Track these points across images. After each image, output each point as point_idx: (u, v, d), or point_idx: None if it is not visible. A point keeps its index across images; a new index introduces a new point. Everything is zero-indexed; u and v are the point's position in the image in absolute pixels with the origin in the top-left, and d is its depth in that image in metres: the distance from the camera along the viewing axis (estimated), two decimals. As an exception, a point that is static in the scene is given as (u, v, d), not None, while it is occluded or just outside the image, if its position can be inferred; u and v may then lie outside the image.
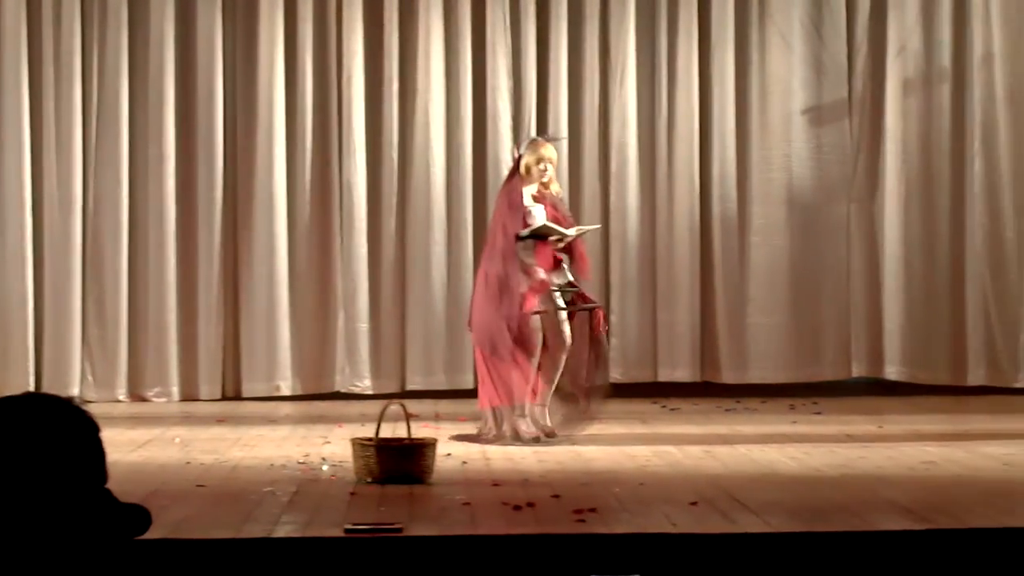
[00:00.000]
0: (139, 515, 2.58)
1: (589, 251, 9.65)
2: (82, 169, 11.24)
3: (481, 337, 8.83)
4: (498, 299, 8.75)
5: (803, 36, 11.58)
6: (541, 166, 8.92)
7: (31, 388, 11.02)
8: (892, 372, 11.55)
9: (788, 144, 11.60)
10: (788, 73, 11.59)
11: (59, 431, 2.51)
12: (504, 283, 8.79)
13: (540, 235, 8.89)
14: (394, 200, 11.40)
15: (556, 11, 11.50)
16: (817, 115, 11.60)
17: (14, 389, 10.91)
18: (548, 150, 9.02)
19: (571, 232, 8.97)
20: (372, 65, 11.42)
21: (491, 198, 11.41)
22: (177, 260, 11.26)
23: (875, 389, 11.52)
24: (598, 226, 8.96)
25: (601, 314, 9.00)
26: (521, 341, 8.72)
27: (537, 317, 8.79)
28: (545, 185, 8.99)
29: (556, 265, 8.97)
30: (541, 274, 8.85)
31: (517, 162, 9.10)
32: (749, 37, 11.59)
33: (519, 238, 8.86)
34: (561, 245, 8.96)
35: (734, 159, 11.58)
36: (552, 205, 9.05)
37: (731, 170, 11.58)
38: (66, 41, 11.19)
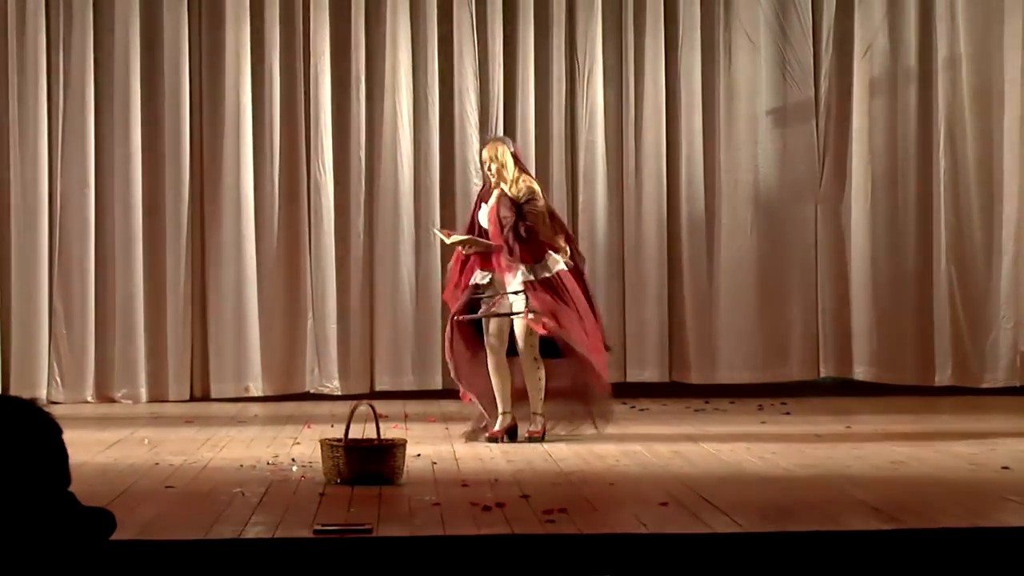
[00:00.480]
0: (103, 518, 2.57)
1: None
2: (48, 170, 11.19)
3: None
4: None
5: (769, 37, 11.61)
6: (490, 169, 8.92)
7: (-2, 389, 11.00)
8: (860, 372, 11.59)
9: (755, 144, 11.63)
10: (755, 74, 11.62)
11: (20, 434, 2.49)
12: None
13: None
14: (362, 200, 11.39)
15: (523, 11, 11.51)
16: (784, 116, 11.64)
17: (-19, 390, 10.88)
18: (485, 151, 9.00)
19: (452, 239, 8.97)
20: (339, 65, 11.40)
21: (459, 197, 11.43)
22: (144, 261, 11.23)
23: (843, 389, 11.56)
24: (467, 237, 8.84)
25: (534, 319, 8.69)
26: (453, 342, 8.89)
27: (465, 323, 8.83)
28: (496, 185, 8.94)
29: (489, 269, 8.89)
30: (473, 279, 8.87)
31: None
32: (716, 38, 11.61)
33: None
34: (471, 251, 8.90)
35: (701, 159, 11.60)
36: (496, 204, 8.95)
37: (698, 170, 11.60)
38: (31, 42, 11.14)
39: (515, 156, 8.93)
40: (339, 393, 11.21)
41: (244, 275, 11.27)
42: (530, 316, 8.64)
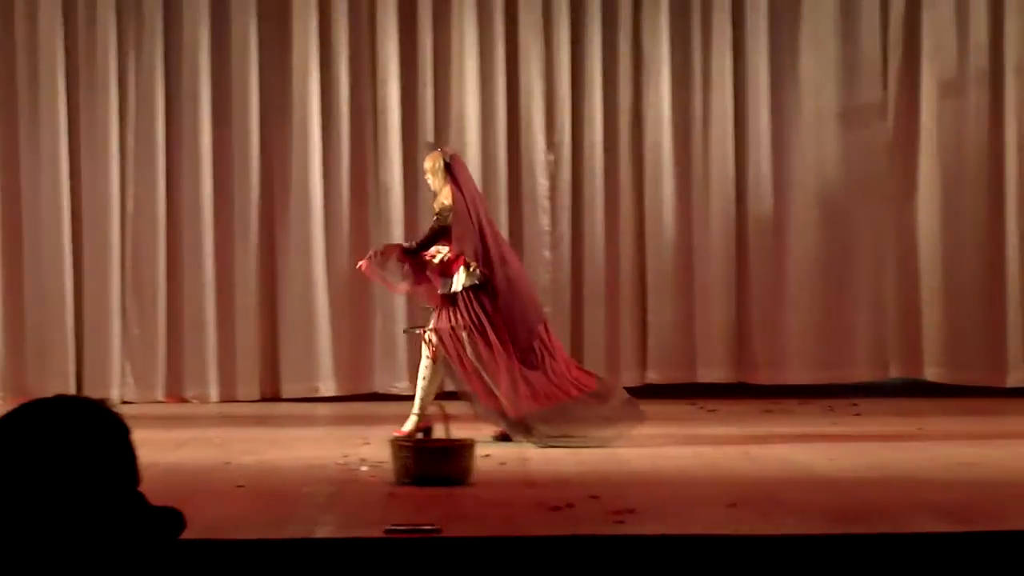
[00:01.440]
0: (172, 518, 2.58)
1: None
2: (119, 172, 11.29)
3: None
4: None
5: (837, 37, 11.55)
6: (427, 179, 9.07)
7: (71, 389, 11.09)
8: (931, 373, 11.51)
9: (823, 144, 11.57)
10: (822, 73, 11.55)
11: (89, 434, 2.50)
12: None
13: None
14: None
15: (589, 13, 11.50)
16: (852, 115, 11.57)
17: (55, 390, 10.92)
18: (425, 161, 9.11)
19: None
20: (406, 68, 11.43)
21: (526, 199, 11.44)
22: (215, 262, 11.31)
23: (914, 390, 11.48)
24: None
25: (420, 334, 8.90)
26: None
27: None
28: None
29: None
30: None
31: None
32: (783, 37, 11.56)
33: None
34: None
35: (769, 159, 11.55)
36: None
37: (766, 171, 11.55)
38: (101, 47, 11.24)
39: (446, 166, 8.92)
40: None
41: (313, 276, 11.32)
42: (424, 333, 8.79)
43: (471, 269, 8.78)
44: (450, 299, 8.77)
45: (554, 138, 11.49)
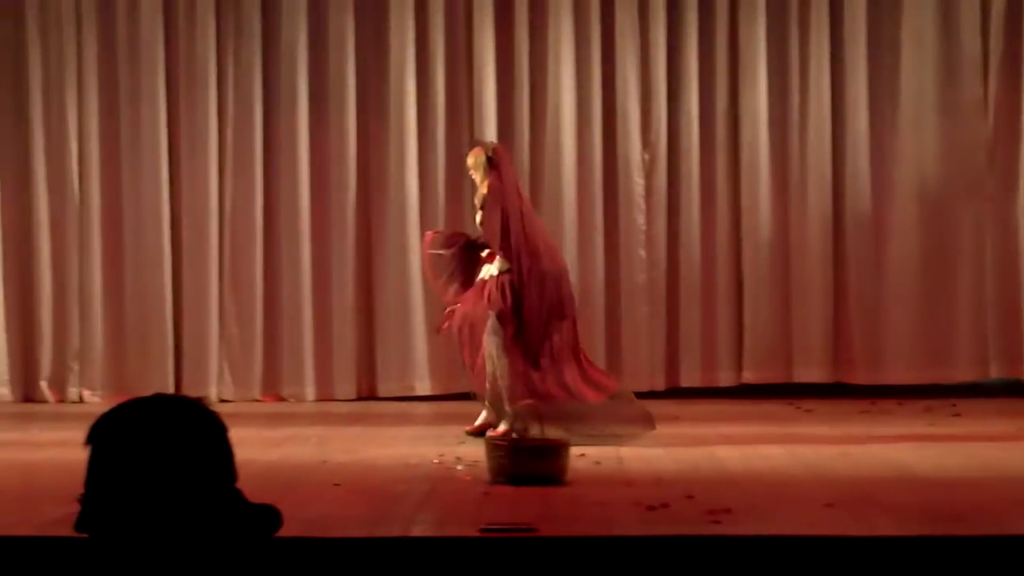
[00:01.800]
0: (269, 515, 2.60)
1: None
2: (218, 172, 11.39)
3: None
4: None
5: (936, 33, 11.43)
6: (473, 175, 9.09)
7: (170, 387, 11.21)
8: (1032, 373, 11.38)
9: (922, 142, 11.45)
10: (921, 70, 11.44)
11: (187, 432, 2.53)
12: None
13: None
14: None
15: (686, 12, 11.46)
16: (952, 113, 11.44)
17: (154, 388, 11.09)
18: (469, 156, 9.14)
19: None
20: (503, 66, 11.45)
21: (621, 197, 11.42)
22: (312, 261, 11.38)
23: (1014, 390, 11.35)
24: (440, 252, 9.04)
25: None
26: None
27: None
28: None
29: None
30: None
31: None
32: (882, 34, 11.46)
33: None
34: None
35: (867, 157, 11.46)
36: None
37: (864, 168, 11.46)
38: (201, 47, 11.35)
39: (489, 159, 8.96)
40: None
41: (409, 275, 11.36)
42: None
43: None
44: (482, 284, 8.88)
45: (650, 137, 11.46)
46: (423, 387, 11.40)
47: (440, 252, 9.09)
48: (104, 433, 2.52)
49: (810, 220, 11.46)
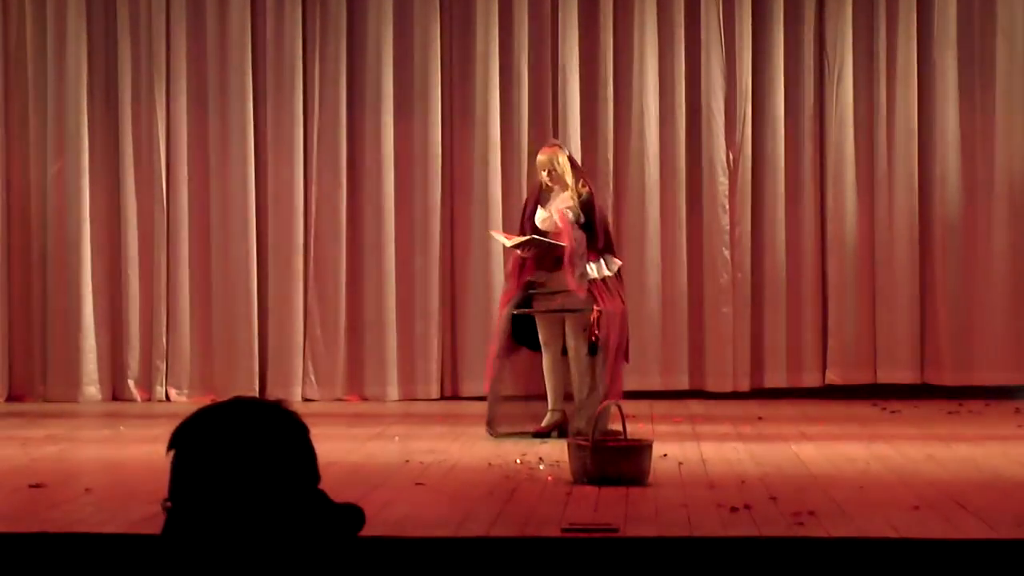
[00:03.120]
0: (353, 514, 2.61)
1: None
2: (303, 173, 11.46)
3: None
4: None
5: (1026, 32, 11.31)
6: (546, 174, 8.99)
7: (256, 387, 11.30)
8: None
9: (1011, 142, 11.33)
10: (1011, 71, 11.31)
11: (268, 435, 2.53)
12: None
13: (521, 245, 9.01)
14: (609, 202, 11.41)
15: (772, 10, 11.40)
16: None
17: (241, 387, 11.22)
18: (542, 156, 9.06)
19: (511, 241, 9.10)
20: (587, 67, 11.45)
21: (705, 198, 11.38)
22: (396, 261, 11.42)
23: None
24: (528, 237, 8.93)
25: (595, 318, 8.77)
26: (495, 335, 9.12)
27: (506, 316, 8.95)
28: (550, 189, 9.02)
29: (552, 269, 8.93)
30: (524, 277, 8.98)
31: None
32: (971, 34, 11.35)
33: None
34: (529, 253, 8.93)
35: (957, 158, 11.35)
36: (557, 210, 8.98)
37: (953, 169, 11.36)
38: (288, 46, 11.41)
39: (571, 160, 9.08)
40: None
41: (492, 276, 11.36)
42: (596, 312, 8.76)
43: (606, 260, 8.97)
44: (605, 281, 8.91)
45: (734, 137, 11.41)
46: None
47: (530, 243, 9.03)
48: (186, 439, 2.54)
49: (896, 220, 11.37)
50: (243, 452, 2.51)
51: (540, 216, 9.04)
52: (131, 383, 11.47)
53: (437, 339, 11.42)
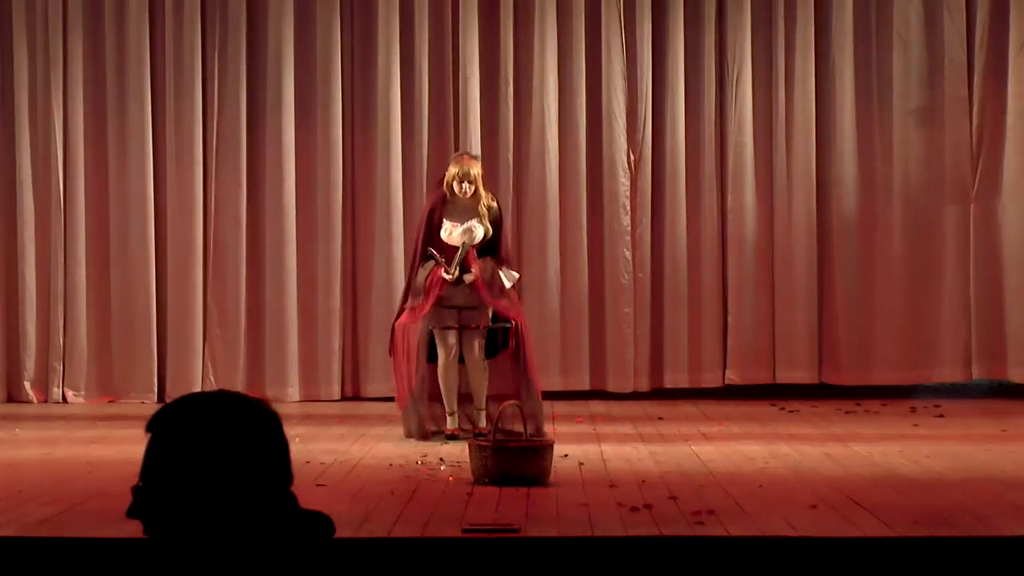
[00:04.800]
0: (322, 523, 2.61)
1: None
2: (203, 173, 11.38)
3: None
4: (402, 301, 9.26)
5: (921, 35, 11.44)
6: (464, 185, 8.95)
7: (155, 387, 11.21)
8: (1015, 374, 11.38)
9: (907, 144, 11.47)
10: (906, 72, 11.45)
11: (247, 430, 2.54)
12: (406, 290, 9.26)
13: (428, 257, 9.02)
14: (510, 201, 11.42)
15: (672, 12, 11.46)
16: (936, 114, 11.45)
17: (139, 388, 11.13)
18: (459, 167, 9.05)
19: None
20: (488, 68, 11.45)
21: (606, 198, 11.42)
22: (297, 261, 11.37)
23: (998, 392, 11.37)
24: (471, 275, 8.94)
25: (513, 328, 8.92)
26: (401, 348, 9.03)
27: (424, 332, 8.95)
28: (455, 200, 9.03)
29: (457, 284, 8.98)
30: (436, 287, 8.95)
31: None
32: (868, 36, 11.47)
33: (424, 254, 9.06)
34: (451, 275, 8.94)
35: (854, 160, 11.47)
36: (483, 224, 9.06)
37: (850, 171, 11.47)
38: (187, 47, 11.33)
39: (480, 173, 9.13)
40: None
41: (394, 276, 11.34)
42: (514, 324, 8.93)
43: (504, 269, 9.10)
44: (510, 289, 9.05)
45: (635, 138, 11.46)
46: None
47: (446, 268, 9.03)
48: (164, 423, 2.54)
49: (795, 221, 11.47)
50: (220, 443, 2.51)
51: (450, 231, 9.01)
52: (27, 384, 11.33)
53: (339, 340, 11.38)
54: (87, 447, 8.64)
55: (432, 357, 9.06)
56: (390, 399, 11.20)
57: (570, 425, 9.63)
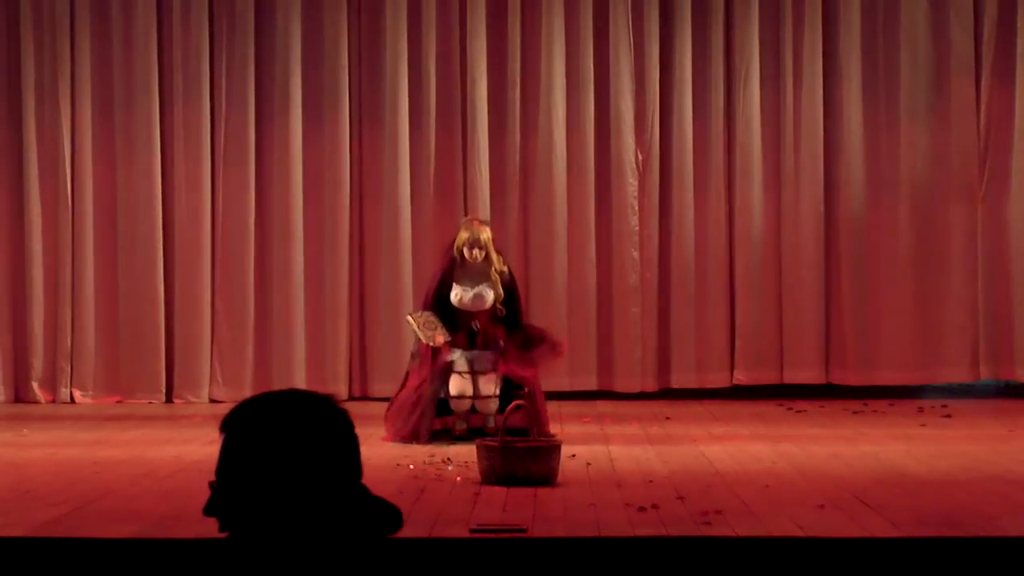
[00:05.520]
0: (391, 513, 2.64)
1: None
2: (211, 174, 11.39)
3: None
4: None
5: (930, 35, 11.44)
6: (475, 251, 8.91)
7: (163, 387, 11.23)
8: (1022, 375, 11.38)
9: (915, 144, 11.46)
10: (914, 72, 11.44)
11: (318, 427, 2.58)
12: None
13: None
14: (517, 202, 11.43)
15: (680, 12, 11.46)
16: (944, 114, 11.45)
17: (147, 388, 11.14)
18: (479, 232, 8.97)
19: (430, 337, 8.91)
20: (496, 68, 11.45)
21: (614, 199, 11.42)
22: (304, 262, 11.38)
23: (1006, 392, 11.37)
24: (447, 338, 8.88)
25: (526, 392, 8.66)
26: (416, 407, 8.88)
27: (431, 398, 8.86)
28: (465, 264, 8.93)
29: (467, 347, 8.92)
30: (446, 353, 8.89)
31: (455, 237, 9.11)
32: (876, 36, 11.47)
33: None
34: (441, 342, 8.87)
35: (860, 158, 11.47)
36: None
37: (858, 171, 11.47)
38: (195, 47, 11.35)
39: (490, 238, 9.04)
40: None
41: (401, 276, 11.35)
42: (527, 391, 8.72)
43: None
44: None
45: (643, 137, 11.46)
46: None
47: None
48: (239, 422, 2.58)
49: (802, 221, 11.47)
50: (293, 441, 2.56)
51: (459, 296, 8.96)
52: (35, 385, 11.35)
53: (346, 340, 11.39)
54: (95, 447, 8.65)
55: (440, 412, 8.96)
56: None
57: (577, 425, 9.63)
